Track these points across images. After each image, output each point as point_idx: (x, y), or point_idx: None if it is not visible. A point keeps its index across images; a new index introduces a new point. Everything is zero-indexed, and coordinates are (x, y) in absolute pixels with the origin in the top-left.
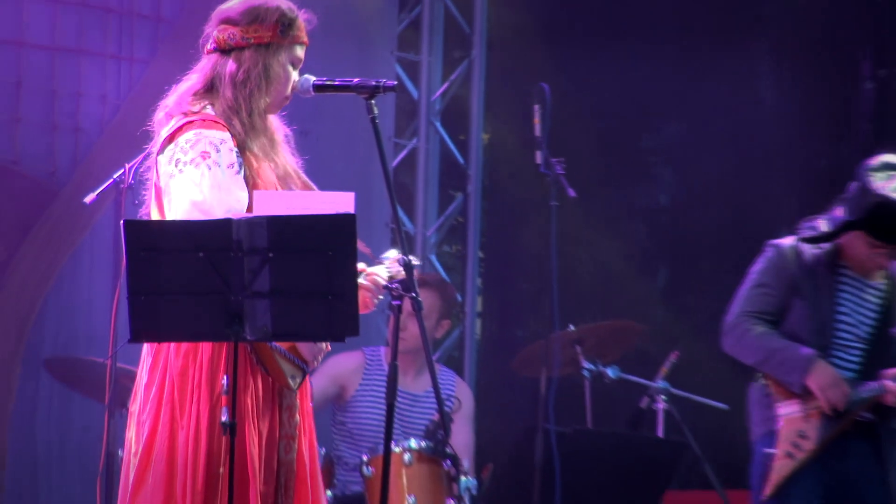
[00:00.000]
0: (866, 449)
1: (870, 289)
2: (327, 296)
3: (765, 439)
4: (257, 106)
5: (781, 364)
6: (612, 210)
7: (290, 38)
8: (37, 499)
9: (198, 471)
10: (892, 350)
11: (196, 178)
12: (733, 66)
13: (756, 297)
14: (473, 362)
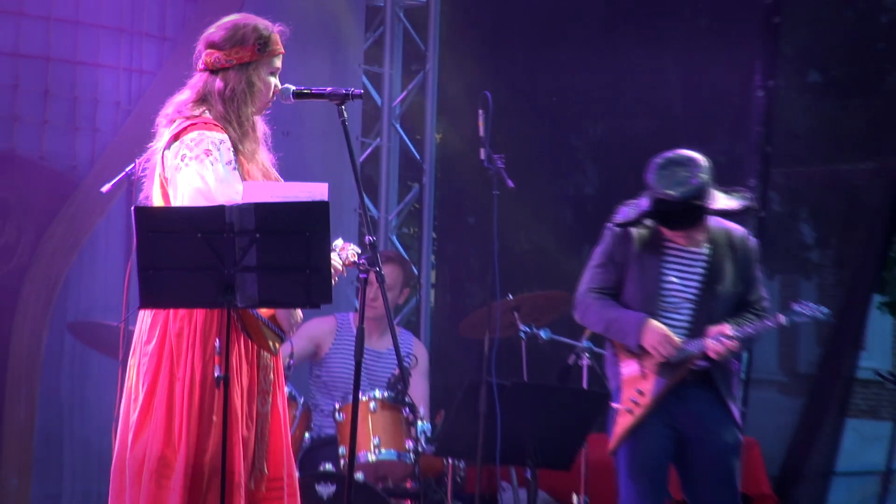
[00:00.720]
0: (706, 394)
1: (693, 255)
2: (305, 269)
3: (614, 394)
4: (245, 115)
5: (619, 330)
6: (545, 198)
7: (267, 53)
8: (61, 439)
9: (192, 417)
10: (718, 306)
11: (201, 172)
12: (647, 76)
13: (596, 274)
14: (428, 326)
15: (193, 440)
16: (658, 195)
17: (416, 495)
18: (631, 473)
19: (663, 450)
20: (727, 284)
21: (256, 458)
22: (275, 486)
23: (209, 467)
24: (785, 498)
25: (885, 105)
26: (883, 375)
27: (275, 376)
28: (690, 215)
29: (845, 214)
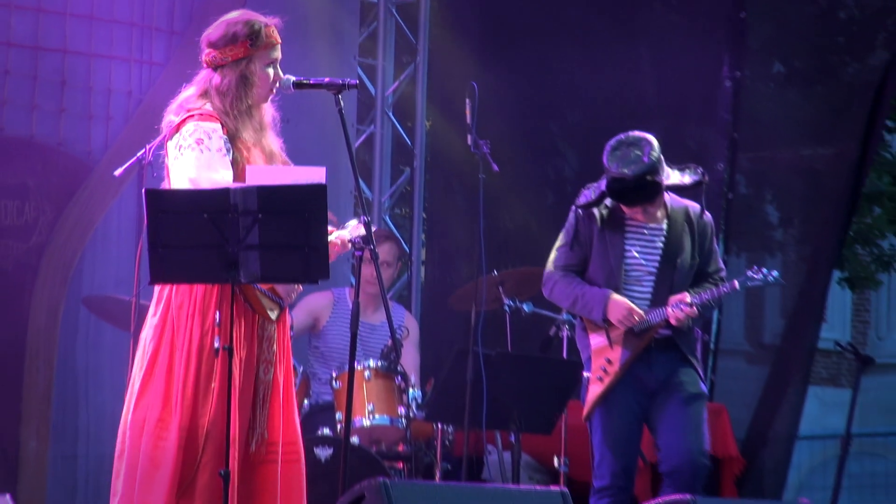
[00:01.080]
0: (671, 356)
1: (653, 231)
2: (304, 248)
3: (586, 364)
4: (242, 107)
5: (585, 305)
6: (527, 181)
7: (260, 45)
8: (77, 405)
9: (188, 385)
10: (677, 278)
11: (192, 160)
12: (623, 66)
13: (562, 254)
14: (419, 300)
15: (189, 404)
16: (613, 175)
17: (407, 458)
18: (604, 438)
19: (633, 414)
20: (685, 257)
21: (258, 423)
22: (273, 451)
23: (204, 430)
24: (751, 460)
25: (845, 94)
26: (842, 346)
27: (279, 348)
28: (645, 191)
29: (807, 196)
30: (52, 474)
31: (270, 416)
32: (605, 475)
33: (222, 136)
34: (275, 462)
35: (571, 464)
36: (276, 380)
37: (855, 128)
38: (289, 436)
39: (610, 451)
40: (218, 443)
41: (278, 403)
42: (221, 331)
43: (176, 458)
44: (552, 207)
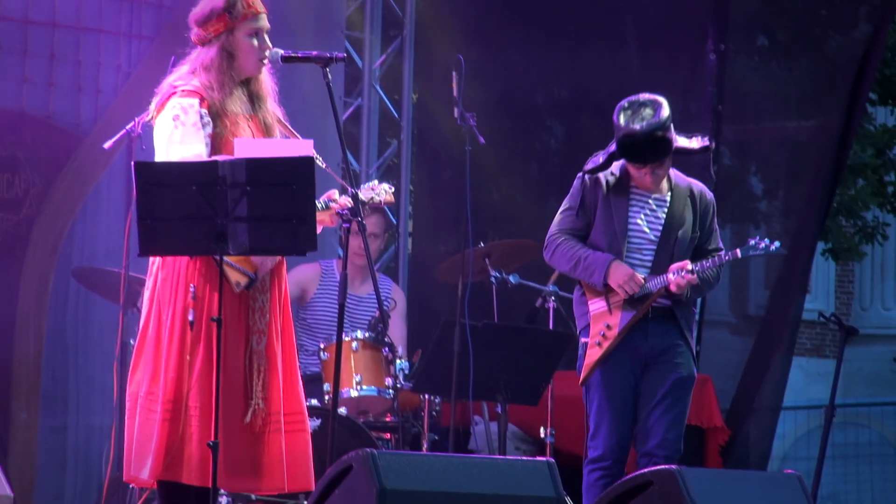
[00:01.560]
0: (667, 328)
1: (657, 201)
2: (292, 220)
3: (583, 331)
4: (227, 81)
5: (586, 268)
6: (513, 153)
7: (239, 16)
8: (66, 376)
9: (172, 357)
10: (677, 250)
11: (167, 135)
12: (608, 39)
13: (565, 218)
14: (406, 271)
15: (174, 377)
16: (624, 131)
17: (394, 428)
18: (600, 409)
19: (630, 387)
20: (687, 230)
21: (253, 393)
22: (272, 421)
23: (187, 400)
24: (736, 430)
25: (828, 67)
26: (826, 317)
27: (272, 318)
28: (656, 148)
29: (791, 168)
30: (42, 445)
31: (270, 386)
32: (598, 446)
33: (199, 111)
34: (278, 432)
35: (558, 434)
36: (272, 350)
37: (838, 100)
38: (292, 406)
39: (605, 423)
40: (203, 414)
41: (277, 374)
42: (198, 304)
43: (161, 429)
44: (538, 180)
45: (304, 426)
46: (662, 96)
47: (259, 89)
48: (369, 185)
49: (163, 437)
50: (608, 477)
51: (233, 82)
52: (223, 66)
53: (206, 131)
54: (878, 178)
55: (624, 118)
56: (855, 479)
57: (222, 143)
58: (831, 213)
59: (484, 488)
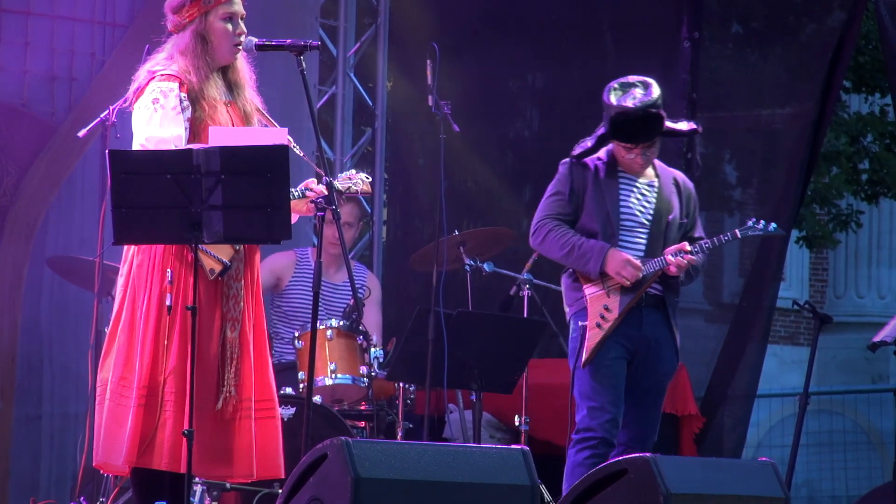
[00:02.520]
0: (658, 317)
1: (645, 185)
2: (266, 208)
3: (579, 315)
4: (203, 66)
5: (581, 257)
6: (488, 141)
7: (213, 1)
8: (41, 365)
9: (146, 343)
10: (668, 234)
11: (146, 118)
12: (582, 26)
13: (553, 203)
14: (380, 259)
15: (149, 362)
16: (617, 109)
17: (369, 417)
18: (595, 388)
19: (622, 370)
20: (676, 215)
21: (225, 380)
22: (243, 407)
23: (163, 386)
24: (710, 418)
25: (802, 55)
26: (800, 304)
27: (245, 305)
28: (649, 125)
29: (765, 156)
30: (17, 434)
31: (242, 373)
32: (593, 427)
33: (179, 95)
34: (248, 418)
35: (532, 423)
36: (244, 337)
37: (813, 88)
38: (263, 393)
39: (600, 403)
40: (177, 400)
41: (249, 361)
42: (174, 289)
43: (136, 415)
44: (513, 168)
45: (274, 413)
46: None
47: (237, 77)
48: (346, 174)
49: (137, 423)
50: (598, 457)
51: (209, 67)
52: (198, 50)
53: (186, 115)
54: (851, 166)
55: (615, 97)
56: (829, 466)
57: (201, 127)
58: (805, 201)
59: (459, 477)
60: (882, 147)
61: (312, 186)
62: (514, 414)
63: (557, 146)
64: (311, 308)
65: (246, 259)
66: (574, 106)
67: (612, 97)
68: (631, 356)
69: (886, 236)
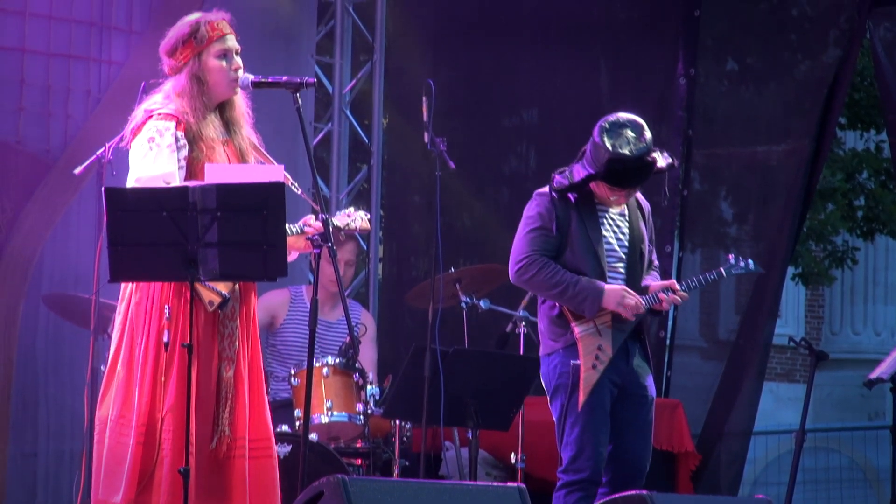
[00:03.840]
0: (639, 348)
1: (617, 215)
2: (262, 245)
3: (568, 352)
4: (200, 106)
5: (575, 296)
6: (484, 178)
7: (205, 40)
8: (37, 403)
9: (146, 381)
10: (641, 264)
11: (141, 157)
12: (578, 63)
13: (537, 238)
14: (376, 297)
15: (147, 400)
16: (613, 156)
17: (365, 454)
18: (586, 430)
19: (608, 405)
20: (645, 242)
21: (219, 419)
22: (237, 447)
23: (161, 424)
24: (707, 455)
25: (797, 91)
26: (796, 341)
27: (241, 345)
28: (643, 172)
29: (761, 192)
30: (12, 472)
31: (236, 413)
32: (584, 468)
33: (175, 134)
34: (242, 458)
35: (528, 460)
36: (239, 376)
37: (808, 125)
38: (258, 432)
39: (590, 445)
40: (176, 438)
41: (243, 400)
42: (172, 326)
43: (135, 453)
44: (508, 204)
45: (271, 452)
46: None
47: (234, 114)
48: (345, 211)
49: (136, 461)
50: (589, 499)
51: (206, 108)
52: (195, 91)
53: (182, 154)
54: (847, 203)
55: (610, 141)
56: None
57: (198, 167)
58: (801, 238)
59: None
60: (877, 184)
61: (311, 223)
62: (510, 451)
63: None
64: (305, 346)
65: (241, 298)
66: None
67: (605, 140)
68: (619, 389)
69: (882, 273)
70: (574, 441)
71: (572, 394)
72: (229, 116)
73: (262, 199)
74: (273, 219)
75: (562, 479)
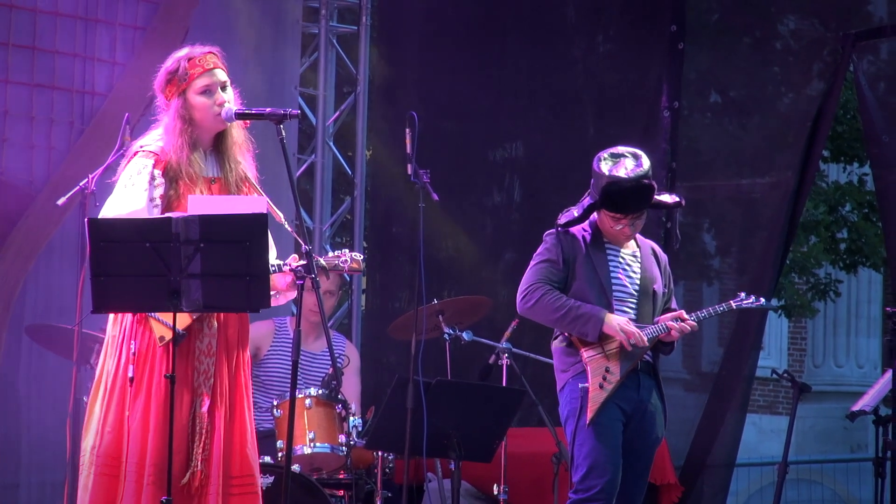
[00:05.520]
0: (652, 384)
1: (629, 255)
2: (245, 276)
3: (578, 378)
4: (184, 144)
5: (577, 319)
6: (467, 209)
7: (187, 77)
8: (19, 436)
9: (109, 414)
10: (654, 304)
11: (117, 191)
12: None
13: (543, 269)
14: (359, 328)
15: (110, 430)
16: (610, 179)
17: (348, 485)
18: (597, 449)
19: (619, 430)
20: (660, 285)
21: (192, 455)
22: (211, 483)
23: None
24: (690, 487)
25: (780, 124)
26: (779, 374)
27: (217, 381)
28: (641, 196)
29: (745, 225)
30: None
31: (211, 448)
32: (595, 485)
33: (152, 171)
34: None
35: (511, 491)
36: (216, 412)
37: (792, 158)
38: (243, 468)
39: (601, 463)
40: (139, 470)
41: (219, 435)
42: (137, 360)
43: (96, 485)
44: (491, 236)
45: (255, 488)
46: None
47: (227, 148)
48: (338, 252)
49: (98, 494)
50: None
51: (192, 146)
52: (178, 129)
53: (157, 192)
54: (830, 235)
55: (606, 167)
56: None
57: (174, 205)
58: (784, 270)
59: None
60: (860, 216)
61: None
62: (492, 483)
63: (536, 215)
64: (289, 377)
65: (220, 334)
66: (554, 175)
67: (602, 167)
68: (627, 419)
69: (865, 305)
70: (583, 460)
71: (581, 415)
72: (223, 148)
73: (244, 230)
74: (256, 250)
75: (570, 498)
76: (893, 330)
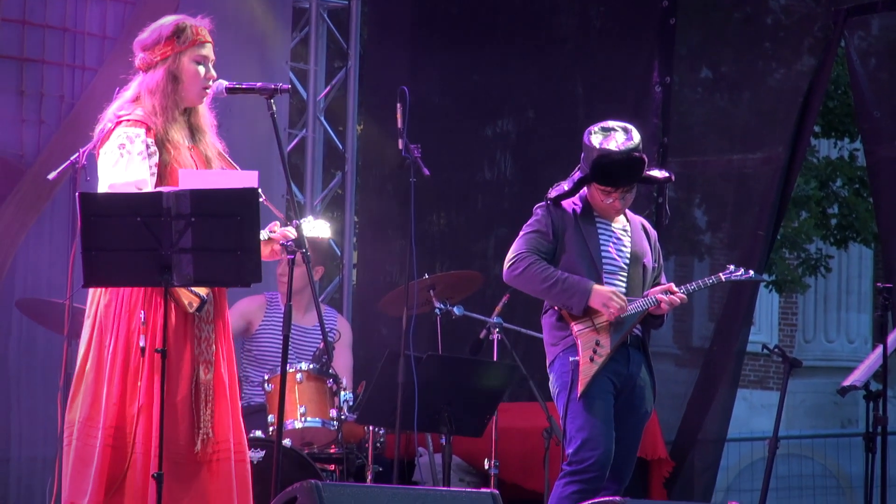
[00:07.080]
0: (641, 358)
1: (619, 230)
2: (236, 251)
3: (568, 352)
4: (170, 107)
5: (565, 291)
6: (458, 185)
7: (187, 42)
8: (9, 408)
9: (114, 384)
10: (644, 278)
11: (112, 164)
12: (554, 72)
13: (532, 239)
14: (350, 303)
15: (116, 402)
16: (600, 152)
17: (339, 460)
18: (589, 421)
19: (610, 403)
20: (649, 260)
21: (202, 422)
22: (221, 449)
23: (132, 429)
24: (680, 462)
25: (772, 99)
26: (769, 349)
27: (218, 347)
28: (632, 169)
29: (736, 201)
30: None
31: (218, 415)
32: (588, 458)
33: (145, 140)
34: (227, 460)
35: (501, 466)
36: (219, 379)
37: (783, 133)
38: (238, 436)
39: (596, 435)
40: (147, 442)
41: (226, 403)
42: (149, 331)
43: (103, 455)
44: (482, 211)
45: (245, 456)
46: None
47: (198, 121)
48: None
49: (104, 464)
50: (585, 493)
51: (176, 108)
52: (168, 89)
53: (153, 161)
54: (821, 211)
55: (597, 140)
56: None
57: (167, 171)
58: (775, 246)
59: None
60: (851, 192)
61: (276, 229)
62: (483, 457)
63: (527, 191)
64: (280, 351)
65: (215, 303)
66: (544, 150)
67: (593, 140)
68: (617, 393)
69: (855, 281)
70: (577, 433)
71: (572, 388)
72: (194, 123)
73: (236, 204)
74: (247, 224)
75: (563, 470)
76: (884, 305)
